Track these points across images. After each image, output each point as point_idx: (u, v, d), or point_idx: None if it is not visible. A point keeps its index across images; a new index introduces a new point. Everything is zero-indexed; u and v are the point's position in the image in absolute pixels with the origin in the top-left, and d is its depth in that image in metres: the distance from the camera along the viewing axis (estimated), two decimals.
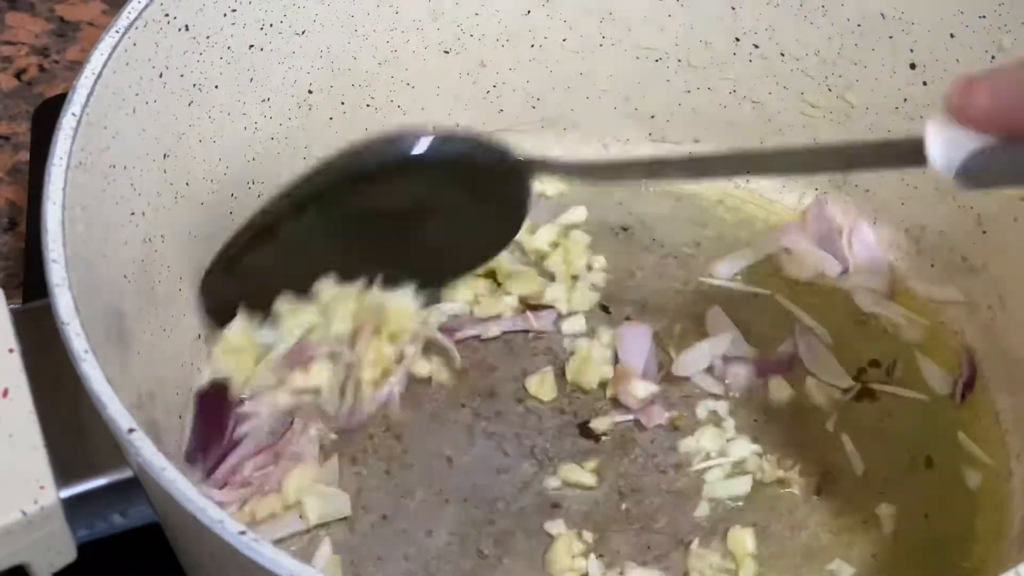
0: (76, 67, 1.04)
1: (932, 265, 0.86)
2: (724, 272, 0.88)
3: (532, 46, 0.88)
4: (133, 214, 0.71)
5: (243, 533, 0.52)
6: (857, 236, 0.88)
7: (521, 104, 0.91)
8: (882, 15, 0.81)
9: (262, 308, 0.75)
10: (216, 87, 0.77)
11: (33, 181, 0.95)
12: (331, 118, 0.85)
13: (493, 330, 0.85)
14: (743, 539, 0.75)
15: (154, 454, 0.54)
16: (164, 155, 0.74)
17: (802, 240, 0.89)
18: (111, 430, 0.56)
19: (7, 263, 0.95)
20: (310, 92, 0.83)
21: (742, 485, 0.78)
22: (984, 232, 0.82)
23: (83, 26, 1.09)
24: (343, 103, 0.85)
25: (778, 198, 0.92)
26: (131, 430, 0.55)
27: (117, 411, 0.56)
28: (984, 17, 0.77)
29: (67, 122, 0.65)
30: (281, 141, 0.83)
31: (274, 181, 0.83)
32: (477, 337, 0.85)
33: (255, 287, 0.75)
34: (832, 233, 0.88)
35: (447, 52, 0.87)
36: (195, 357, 0.80)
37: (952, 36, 0.79)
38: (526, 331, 0.85)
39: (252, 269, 0.75)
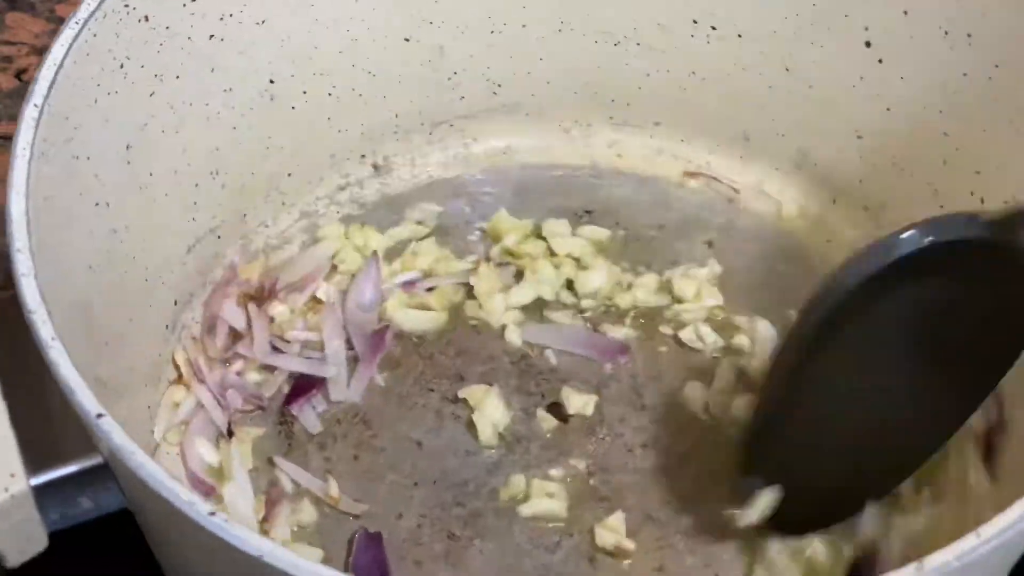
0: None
1: None
2: None
3: (491, 32, 0.89)
4: (97, 205, 0.71)
5: (213, 514, 0.53)
6: None
7: (482, 91, 0.92)
8: None
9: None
10: (177, 77, 0.77)
11: None
12: (293, 107, 0.86)
13: None
14: None
15: (123, 439, 0.55)
16: (127, 146, 0.74)
17: None
18: (80, 416, 0.56)
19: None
20: (271, 82, 0.83)
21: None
22: (941, 207, 0.82)
23: None
24: (305, 92, 0.86)
25: (739, 179, 0.92)
26: (100, 415, 0.56)
27: (86, 397, 0.56)
28: None
29: (29, 112, 0.65)
30: (244, 131, 0.83)
31: (237, 171, 0.84)
32: None
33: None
34: None
35: (407, 40, 0.87)
36: (163, 348, 0.80)
37: (906, 13, 0.80)
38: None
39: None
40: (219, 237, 0.85)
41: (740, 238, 0.90)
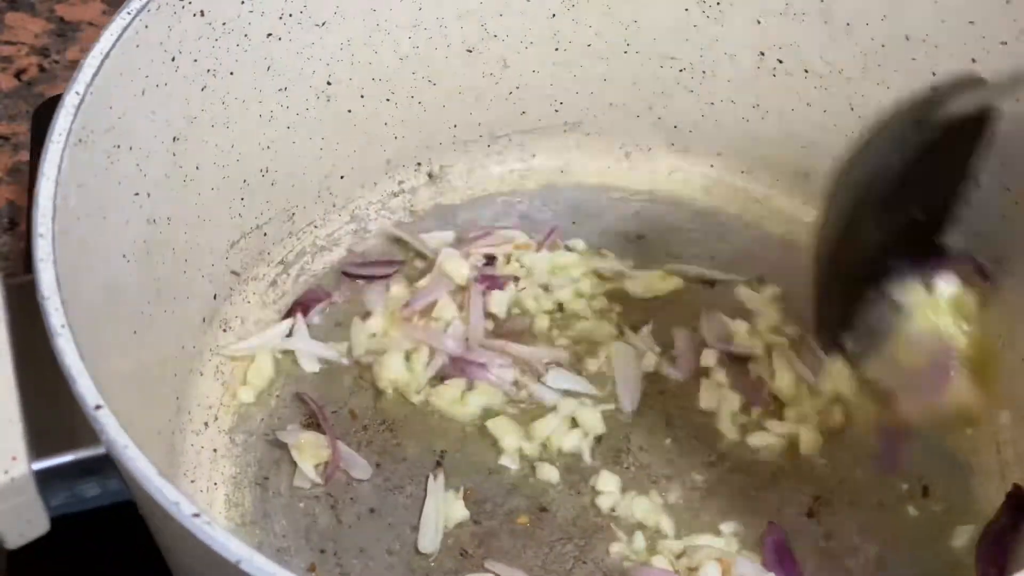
0: (76, 67, 1.05)
1: None
2: None
3: (556, 49, 0.88)
4: (137, 195, 0.72)
5: (197, 516, 0.53)
6: None
7: (544, 106, 0.91)
8: (906, 37, 0.81)
9: None
10: (231, 74, 0.77)
11: (33, 181, 0.96)
12: (350, 110, 0.86)
13: None
14: None
15: (118, 432, 0.55)
16: (173, 138, 0.74)
17: None
18: (80, 405, 0.56)
19: (7, 263, 0.95)
20: (329, 84, 0.83)
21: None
22: (999, 261, 0.81)
23: (83, 26, 1.09)
24: (362, 96, 0.86)
25: (797, 215, 0.91)
26: (98, 407, 0.56)
27: (86, 387, 0.56)
28: (1005, 44, 0.76)
29: (70, 100, 0.66)
30: (298, 130, 0.83)
31: (288, 169, 0.84)
32: None
33: None
34: None
35: (470, 51, 0.87)
36: (198, 340, 0.81)
37: (974, 61, 0.78)
38: None
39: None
40: (265, 235, 0.85)
41: (792, 277, 0.88)
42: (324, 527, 0.76)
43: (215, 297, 0.82)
